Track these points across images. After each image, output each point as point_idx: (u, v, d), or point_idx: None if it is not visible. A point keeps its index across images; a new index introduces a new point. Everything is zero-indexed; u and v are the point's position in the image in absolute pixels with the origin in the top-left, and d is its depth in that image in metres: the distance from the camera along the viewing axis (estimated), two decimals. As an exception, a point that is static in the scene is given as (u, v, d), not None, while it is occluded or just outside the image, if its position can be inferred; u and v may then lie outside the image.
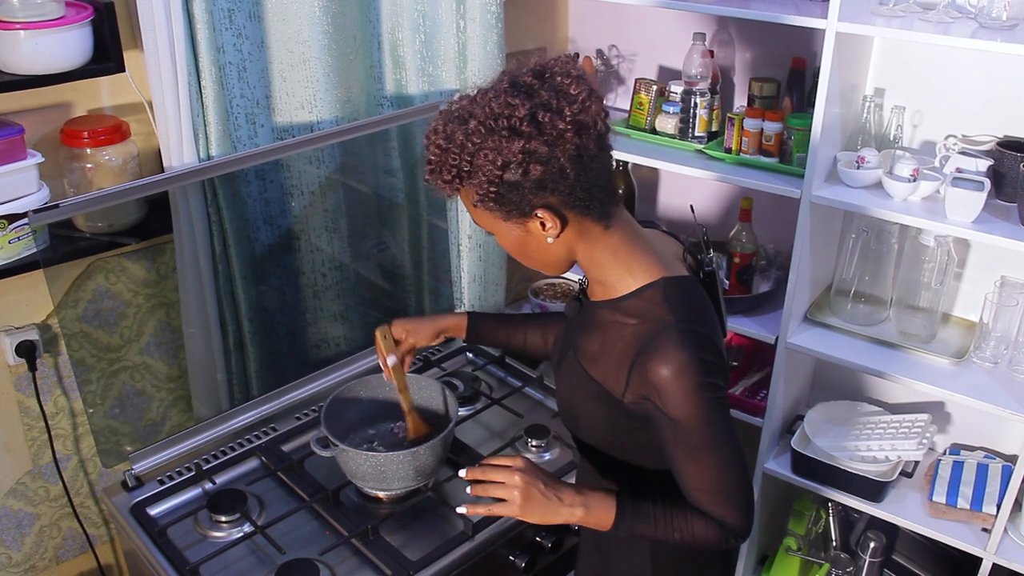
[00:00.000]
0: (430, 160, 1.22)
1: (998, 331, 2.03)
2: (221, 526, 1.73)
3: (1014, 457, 2.10)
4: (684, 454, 1.25)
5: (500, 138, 1.15)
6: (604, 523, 1.28)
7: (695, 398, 1.21)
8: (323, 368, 2.16)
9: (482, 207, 1.21)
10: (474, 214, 1.25)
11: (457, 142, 1.18)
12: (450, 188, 1.22)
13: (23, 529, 2.07)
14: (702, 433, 1.23)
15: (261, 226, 2.09)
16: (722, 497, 1.26)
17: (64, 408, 2.04)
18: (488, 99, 1.18)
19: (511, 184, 1.18)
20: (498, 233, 1.27)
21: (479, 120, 1.16)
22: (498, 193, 1.19)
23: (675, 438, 1.24)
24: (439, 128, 1.21)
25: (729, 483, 1.26)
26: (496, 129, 1.15)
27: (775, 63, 2.32)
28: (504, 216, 1.22)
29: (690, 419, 1.22)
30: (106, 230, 1.90)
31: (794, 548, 2.37)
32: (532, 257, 1.29)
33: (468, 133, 1.17)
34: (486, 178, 1.17)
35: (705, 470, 1.25)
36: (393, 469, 1.70)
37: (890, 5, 1.94)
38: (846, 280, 2.20)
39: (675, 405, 1.21)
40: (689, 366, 1.20)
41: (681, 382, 1.20)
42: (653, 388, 1.22)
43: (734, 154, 2.22)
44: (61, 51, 1.69)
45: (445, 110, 1.23)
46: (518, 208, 1.21)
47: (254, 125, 1.99)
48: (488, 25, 2.18)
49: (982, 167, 1.91)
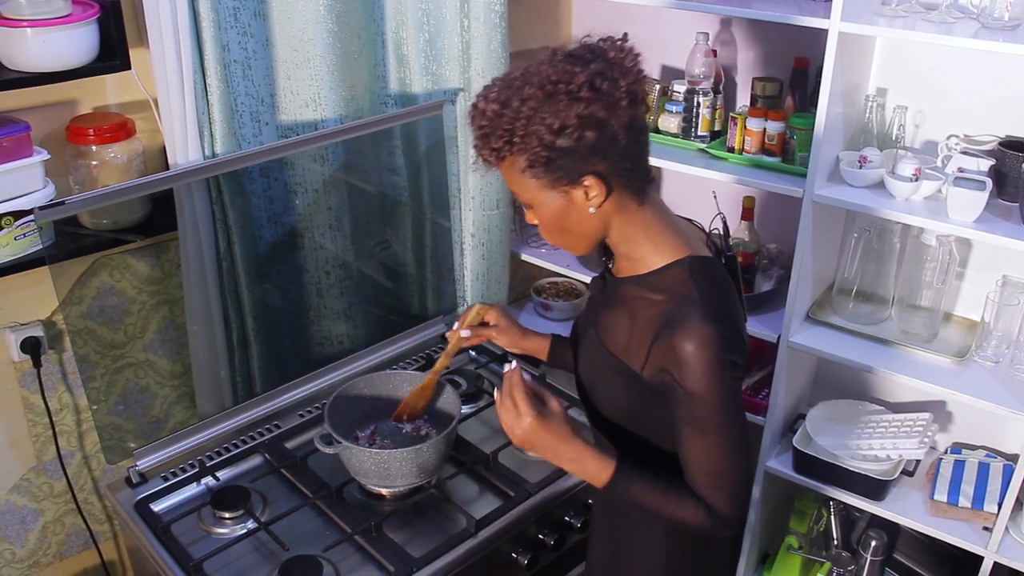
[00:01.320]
0: (481, 126, 1.23)
1: (999, 330, 2.04)
2: (225, 522, 1.74)
3: (1015, 456, 2.11)
4: (693, 431, 1.26)
5: (558, 102, 1.17)
6: (598, 479, 1.31)
7: (714, 373, 1.23)
8: (326, 365, 2.17)
9: (530, 174, 1.23)
10: (516, 183, 1.26)
11: (513, 107, 1.19)
12: (496, 156, 1.23)
13: (27, 525, 2.08)
14: (714, 411, 1.25)
15: (265, 224, 2.09)
16: (721, 481, 1.27)
17: (68, 404, 2.05)
18: (543, 67, 1.20)
19: (563, 149, 1.19)
20: (539, 204, 1.27)
21: (536, 86, 1.18)
22: (549, 158, 1.20)
23: (687, 414, 1.25)
24: (492, 95, 1.22)
25: (730, 468, 1.28)
26: (554, 93, 1.17)
27: (778, 63, 2.33)
28: (550, 183, 1.23)
29: (705, 394, 1.23)
30: (111, 227, 1.91)
31: (795, 546, 2.37)
32: (568, 230, 1.29)
33: (524, 98, 1.18)
34: (540, 143, 1.19)
35: (709, 450, 1.26)
36: (396, 466, 1.70)
37: (893, 5, 1.94)
38: (848, 279, 2.20)
39: (693, 379, 1.23)
40: (712, 340, 1.22)
41: (702, 355, 1.22)
42: (673, 361, 1.23)
43: (737, 153, 2.23)
44: (67, 49, 1.70)
45: (497, 78, 1.25)
46: (567, 174, 1.22)
47: (259, 123, 2.00)
48: (492, 24, 2.19)
49: (984, 167, 1.91)
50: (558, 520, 1.82)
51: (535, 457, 1.93)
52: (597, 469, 1.30)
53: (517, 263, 2.70)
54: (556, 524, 1.81)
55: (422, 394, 1.81)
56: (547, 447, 1.31)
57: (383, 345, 2.26)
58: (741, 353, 1.28)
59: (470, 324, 1.63)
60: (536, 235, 2.70)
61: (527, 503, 1.78)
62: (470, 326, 1.63)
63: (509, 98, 1.20)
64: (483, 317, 1.64)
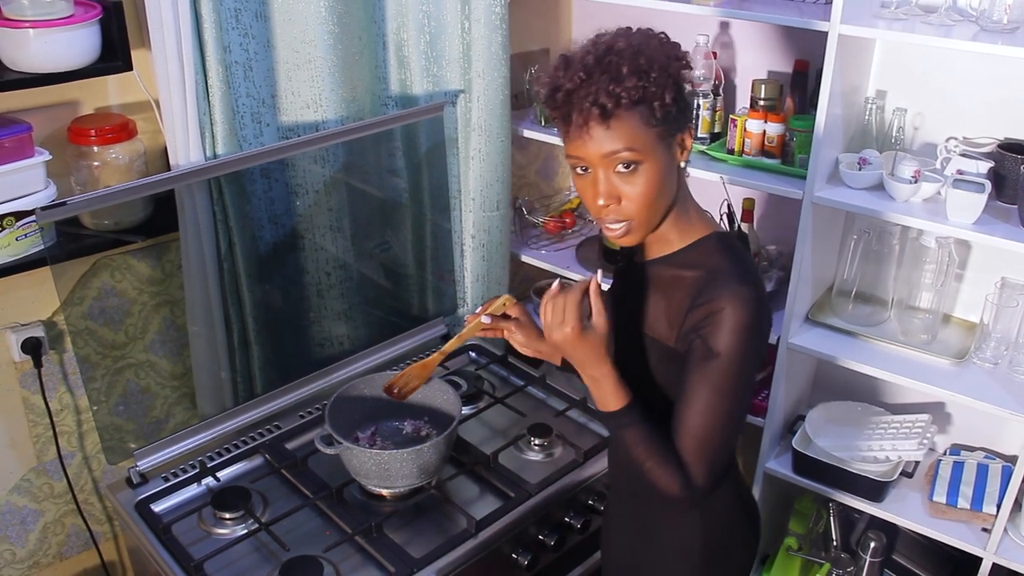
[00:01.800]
0: (611, 63, 1.21)
1: (998, 332, 2.04)
2: (225, 523, 1.74)
3: (1014, 457, 2.11)
4: (701, 392, 1.28)
5: (675, 62, 1.24)
6: (608, 404, 1.32)
7: (743, 337, 1.25)
8: (327, 366, 2.17)
9: (656, 125, 1.23)
10: (632, 135, 1.22)
11: (651, 48, 1.23)
12: (628, 97, 1.20)
13: (27, 526, 2.08)
14: (730, 376, 1.27)
15: (266, 225, 2.10)
16: (707, 450, 1.29)
17: (69, 405, 2.05)
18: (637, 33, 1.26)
19: (680, 104, 1.25)
20: (650, 160, 1.24)
21: (656, 49, 1.23)
22: (672, 112, 1.24)
23: (702, 372, 1.27)
24: (619, 43, 1.23)
25: (720, 440, 1.30)
26: (670, 56, 1.24)
27: (778, 65, 2.33)
28: (663, 135, 1.25)
29: (728, 356, 1.26)
30: (112, 228, 1.91)
31: (795, 548, 2.38)
32: (664, 191, 1.28)
33: (654, 47, 1.24)
34: (671, 96, 1.22)
35: (710, 415, 1.28)
36: (397, 467, 1.71)
37: (892, 8, 1.95)
38: (847, 281, 2.21)
39: (721, 338, 1.25)
40: (748, 302, 1.26)
41: (737, 314, 1.25)
42: (707, 321, 1.26)
43: (736, 155, 2.23)
44: (69, 50, 1.71)
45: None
46: (678, 127, 1.27)
47: (260, 124, 2.00)
48: (492, 26, 2.19)
49: (983, 169, 1.92)
50: (558, 521, 1.83)
51: (535, 458, 1.94)
52: (613, 395, 1.31)
53: (517, 264, 2.70)
54: (556, 525, 1.82)
55: (421, 372, 1.75)
56: (577, 357, 1.31)
57: (383, 346, 2.27)
58: (769, 323, 1.31)
59: (492, 312, 1.58)
60: (536, 236, 2.71)
61: (527, 504, 1.78)
62: (492, 315, 1.58)
63: (640, 44, 1.23)
64: (507, 309, 1.59)
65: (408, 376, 1.75)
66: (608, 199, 1.26)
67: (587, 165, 1.26)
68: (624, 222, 1.28)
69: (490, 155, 2.35)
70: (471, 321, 1.58)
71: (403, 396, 1.77)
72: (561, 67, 1.25)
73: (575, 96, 1.22)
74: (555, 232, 2.72)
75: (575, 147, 1.26)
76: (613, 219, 1.29)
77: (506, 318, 1.59)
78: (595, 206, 1.28)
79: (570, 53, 1.26)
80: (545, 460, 1.94)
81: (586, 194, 1.29)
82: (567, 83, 1.22)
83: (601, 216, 1.29)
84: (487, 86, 2.26)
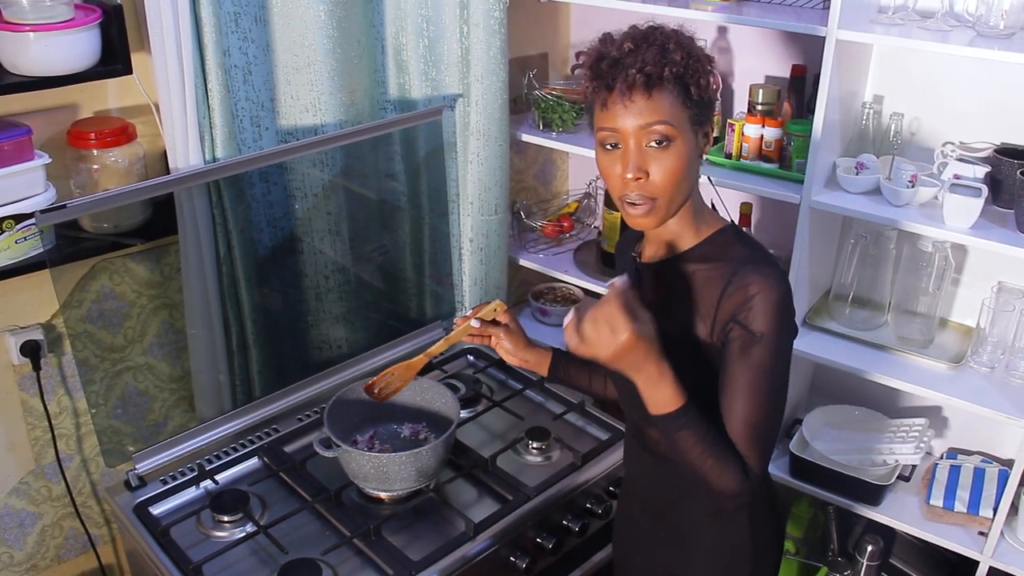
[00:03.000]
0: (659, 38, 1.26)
1: (995, 336, 2.05)
2: (224, 526, 1.74)
3: (1010, 461, 2.11)
4: (750, 377, 1.29)
5: (706, 57, 1.29)
6: (664, 405, 1.28)
7: (781, 315, 1.28)
8: (325, 370, 2.17)
9: (691, 108, 1.27)
10: (669, 112, 1.25)
11: (697, 50, 1.28)
12: (671, 72, 1.23)
13: (25, 528, 2.08)
14: (774, 357, 1.29)
15: (265, 228, 2.10)
16: (757, 434, 1.30)
17: (67, 408, 2.05)
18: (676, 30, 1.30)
19: (711, 94, 1.29)
20: (682, 140, 1.26)
21: (690, 40, 1.30)
22: (705, 98, 1.28)
23: (748, 358, 1.28)
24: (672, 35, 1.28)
25: (771, 424, 1.32)
26: (702, 52, 1.30)
27: (775, 70, 2.34)
28: (694, 119, 1.28)
29: (772, 336, 1.27)
30: (111, 231, 1.92)
31: (792, 552, 2.38)
32: (688, 175, 1.30)
33: (693, 45, 1.29)
34: (706, 82, 1.27)
35: (755, 399, 1.29)
36: (395, 470, 1.71)
37: (889, 13, 1.96)
38: (845, 285, 2.21)
39: (762, 319, 1.27)
40: (778, 283, 1.28)
41: (772, 295, 1.27)
42: (743, 306, 1.28)
43: (734, 159, 2.24)
44: (69, 53, 1.71)
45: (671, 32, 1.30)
46: (706, 116, 1.31)
47: (259, 128, 2.01)
48: (491, 30, 2.20)
49: (980, 174, 1.92)
50: (556, 524, 1.83)
51: (533, 461, 1.94)
52: (670, 396, 1.27)
53: (515, 268, 2.70)
54: (554, 528, 1.82)
55: (405, 373, 1.71)
56: (634, 363, 1.25)
57: (382, 349, 2.27)
58: (793, 302, 1.33)
59: (483, 317, 1.57)
60: (534, 240, 2.72)
61: (525, 507, 1.78)
62: (481, 320, 1.57)
63: (679, 31, 1.28)
64: (497, 315, 1.58)
65: (391, 376, 1.70)
66: (637, 172, 1.26)
67: (618, 140, 1.27)
68: (648, 201, 1.28)
69: (488, 159, 2.35)
70: (460, 324, 1.57)
71: (384, 397, 1.72)
72: (607, 40, 1.29)
73: (621, 65, 1.24)
74: (553, 236, 2.72)
75: (611, 117, 1.26)
76: (638, 195, 1.28)
77: (496, 324, 1.58)
78: (622, 180, 1.28)
79: (613, 32, 1.29)
80: (543, 463, 1.94)
81: (612, 169, 1.29)
82: (614, 51, 1.25)
83: (626, 192, 1.28)
84: (486, 90, 2.27)
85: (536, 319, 2.75)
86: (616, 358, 1.23)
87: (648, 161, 1.26)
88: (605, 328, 1.22)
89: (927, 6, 1.94)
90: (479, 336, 1.58)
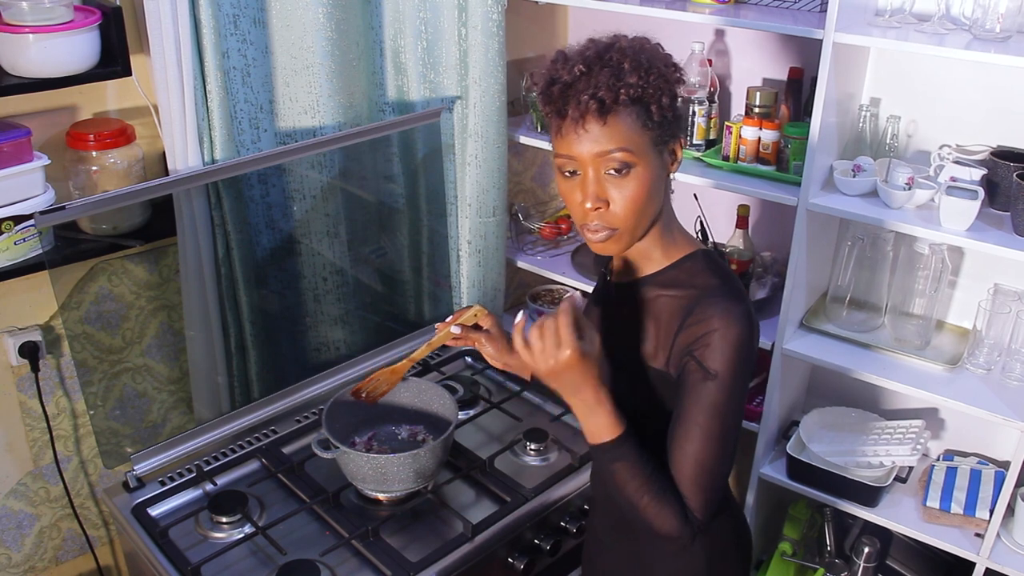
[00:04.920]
0: (612, 60, 1.19)
1: (991, 338, 2.05)
2: (222, 527, 1.74)
3: (1007, 463, 2.12)
4: (700, 417, 1.23)
5: (672, 69, 1.23)
6: (599, 435, 1.24)
7: (738, 354, 1.22)
8: (324, 371, 2.17)
9: (651, 129, 1.20)
10: (627, 136, 1.19)
11: (647, 52, 1.21)
12: (627, 95, 1.17)
13: (23, 530, 2.08)
14: (727, 397, 1.23)
15: (263, 230, 2.10)
16: (707, 481, 1.24)
17: (66, 409, 2.05)
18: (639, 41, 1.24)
19: (677, 108, 1.24)
20: (643, 164, 1.21)
21: (654, 53, 1.23)
22: (668, 117, 1.22)
23: (700, 397, 1.23)
24: (620, 42, 1.22)
25: (719, 469, 1.26)
26: (667, 63, 1.23)
27: (773, 72, 2.35)
28: (657, 139, 1.22)
29: (726, 374, 1.22)
30: (110, 232, 1.92)
31: (789, 553, 2.39)
32: (653, 199, 1.24)
33: (654, 60, 1.21)
34: (668, 100, 1.21)
35: (705, 440, 1.23)
36: (393, 471, 1.71)
37: (886, 16, 1.96)
38: (842, 287, 2.22)
39: (718, 357, 1.21)
40: (740, 319, 1.22)
41: (730, 332, 1.21)
42: (700, 341, 1.22)
43: (731, 162, 2.24)
44: (69, 55, 1.71)
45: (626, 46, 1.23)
46: (671, 134, 1.24)
47: (257, 130, 2.01)
48: (489, 33, 2.20)
49: (976, 176, 1.93)
50: (554, 525, 1.83)
51: (531, 463, 1.94)
52: (606, 425, 1.23)
53: (513, 270, 2.71)
54: (552, 529, 1.82)
55: (391, 377, 1.74)
56: (572, 383, 1.21)
57: (380, 351, 2.27)
58: (758, 340, 1.28)
59: (463, 323, 1.56)
60: (532, 242, 2.72)
61: (523, 508, 1.78)
62: (463, 325, 1.55)
63: (639, 47, 1.21)
64: (478, 320, 1.58)
65: (377, 380, 1.73)
66: (596, 202, 1.21)
67: (576, 167, 1.21)
68: (609, 230, 1.24)
69: (486, 161, 2.36)
70: (441, 329, 1.56)
71: (372, 400, 1.75)
72: (559, 61, 1.21)
73: (573, 89, 1.18)
74: (551, 238, 2.73)
75: (566, 144, 1.20)
76: (599, 225, 1.23)
77: (477, 329, 1.56)
78: (581, 210, 1.23)
79: (568, 49, 1.22)
80: (541, 465, 1.94)
81: (572, 197, 1.24)
82: (565, 75, 1.19)
83: (586, 221, 1.24)
84: (484, 92, 2.27)
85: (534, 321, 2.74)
86: (555, 374, 1.20)
87: (607, 189, 1.21)
88: (550, 339, 1.18)
89: (924, 9, 1.95)
90: (461, 340, 1.55)
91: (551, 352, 1.18)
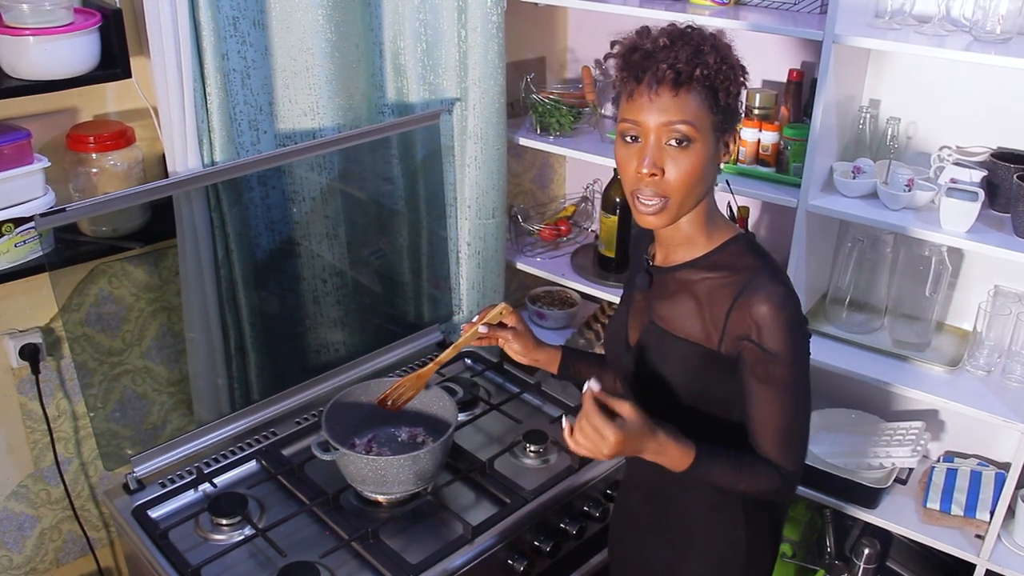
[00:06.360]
0: (693, 39, 1.26)
1: (991, 339, 2.05)
2: (222, 529, 1.74)
3: (1007, 464, 2.12)
4: (770, 390, 1.31)
5: (741, 68, 1.31)
6: (680, 465, 1.31)
7: (793, 331, 1.29)
8: (323, 373, 2.17)
9: (716, 113, 1.27)
10: (694, 113, 1.25)
11: (732, 58, 1.29)
12: (701, 73, 1.23)
13: (24, 532, 2.08)
14: (792, 369, 1.30)
15: (263, 232, 2.10)
16: (790, 439, 1.34)
17: (66, 411, 2.06)
18: (716, 34, 1.30)
19: (738, 104, 1.31)
20: (702, 143, 1.26)
21: (728, 48, 1.30)
22: (732, 106, 1.29)
23: (766, 373, 1.30)
24: (711, 39, 1.28)
25: (799, 426, 1.35)
26: (739, 62, 1.31)
27: (773, 74, 2.35)
28: (718, 126, 1.28)
29: (785, 352, 1.29)
30: (110, 234, 1.92)
31: (789, 555, 2.38)
32: (704, 179, 1.30)
33: (731, 55, 1.30)
34: (735, 90, 1.28)
35: (784, 408, 1.32)
36: (393, 473, 1.71)
37: (886, 18, 1.96)
38: (841, 288, 2.22)
39: (774, 338, 1.28)
40: (786, 300, 1.29)
41: (781, 314, 1.28)
42: (753, 325, 1.29)
43: (731, 163, 2.24)
44: (69, 57, 1.71)
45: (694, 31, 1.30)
46: (730, 125, 1.31)
47: (257, 131, 2.01)
48: (489, 35, 2.20)
49: (976, 178, 1.93)
50: (554, 527, 1.83)
51: (531, 464, 1.94)
52: (679, 456, 1.30)
53: (512, 272, 2.71)
54: (552, 531, 1.82)
55: (416, 383, 1.75)
56: (634, 450, 1.30)
57: (379, 353, 2.27)
58: (802, 312, 1.34)
59: (490, 321, 1.59)
60: (531, 244, 2.72)
61: (523, 510, 1.78)
62: (489, 323, 1.59)
63: (718, 36, 1.29)
64: (503, 318, 1.60)
65: (403, 387, 1.75)
66: (652, 168, 1.26)
67: (639, 133, 1.27)
68: (659, 198, 1.28)
69: (486, 163, 2.36)
70: (467, 330, 1.59)
71: (397, 407, 1.77)
72: (643, 32, 1.29)
73: (653, 58, 1.24)
74: (550, 239, 2.73)
75: (635, 109, 1.26)
76: (650, 192, 1.28)
77: (503, 327, 1.60)
78: (637, 175, 1.28)
79: (651, 26, 1.30)
80: (541, 466, 1.94)
81: (628, 163, 1.29)
82: (648, 44, 1.26)
83: (639, 187, 1.29)
84: (483, 94, 2.27)
85: (534, 322, 2.75)
86: (615, 453, 1.27)
87: (665, 159, 1.26)
88: (594, 435, 1.25)
89: (924, 11, 1.95)
90: (487, 339, 1.59)
91: (600, 445, 1.26)
